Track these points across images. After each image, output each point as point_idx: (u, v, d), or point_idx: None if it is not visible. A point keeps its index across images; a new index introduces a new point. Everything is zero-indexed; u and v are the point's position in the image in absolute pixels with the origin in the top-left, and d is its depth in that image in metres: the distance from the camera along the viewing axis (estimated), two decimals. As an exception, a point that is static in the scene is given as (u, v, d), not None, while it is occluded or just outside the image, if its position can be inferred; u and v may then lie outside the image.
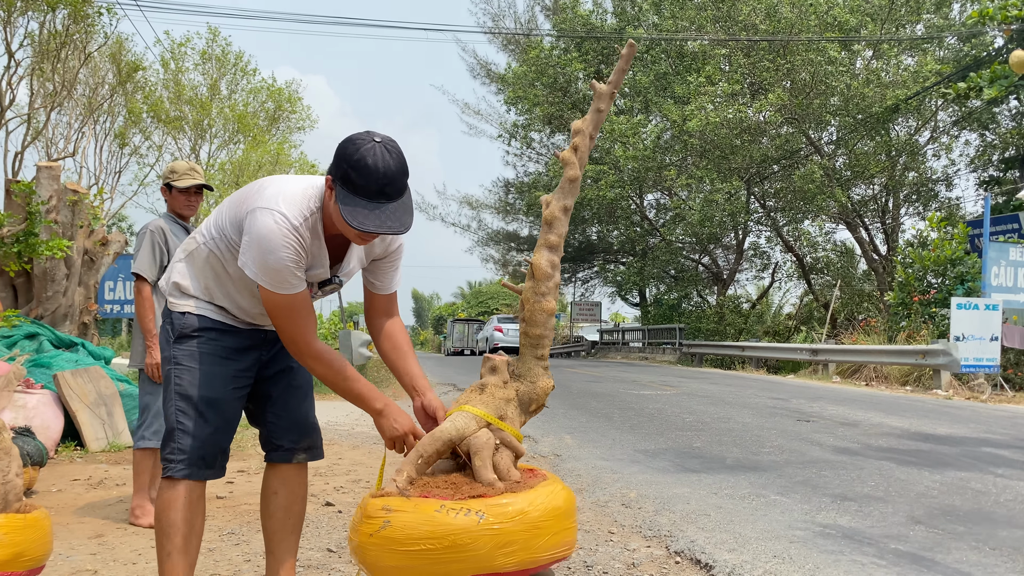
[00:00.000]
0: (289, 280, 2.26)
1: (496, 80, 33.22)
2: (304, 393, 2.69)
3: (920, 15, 22.81)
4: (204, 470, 2.45)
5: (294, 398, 2.65)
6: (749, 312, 28.00)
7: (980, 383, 13.05)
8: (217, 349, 2.48)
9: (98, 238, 8.90)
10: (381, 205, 2.15)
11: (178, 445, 2.42)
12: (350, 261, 2.49)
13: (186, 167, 4.31)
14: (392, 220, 2.17)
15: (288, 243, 2.22)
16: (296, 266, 2.25)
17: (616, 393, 11.72)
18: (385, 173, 2.14)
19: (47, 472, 5.20)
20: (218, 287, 2.50)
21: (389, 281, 2.59)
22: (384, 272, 2.58)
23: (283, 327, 2.33)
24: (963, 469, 5.63)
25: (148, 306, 4.08)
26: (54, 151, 15.56)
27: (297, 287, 2.28)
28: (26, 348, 6.77)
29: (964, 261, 14.50)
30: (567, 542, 2.23)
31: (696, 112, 21.97)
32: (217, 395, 2.46)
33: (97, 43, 13.82)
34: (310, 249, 2.32)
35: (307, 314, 2.33)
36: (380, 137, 2.20)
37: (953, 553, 3.58)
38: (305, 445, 2.65)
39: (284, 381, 2.65)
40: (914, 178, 23.87)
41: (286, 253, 2.22)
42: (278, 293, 2.27)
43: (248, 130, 18.78)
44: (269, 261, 2.22)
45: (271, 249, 2.21)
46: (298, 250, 2.25)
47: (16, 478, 2.46)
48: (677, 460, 6.01)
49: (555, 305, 2.35)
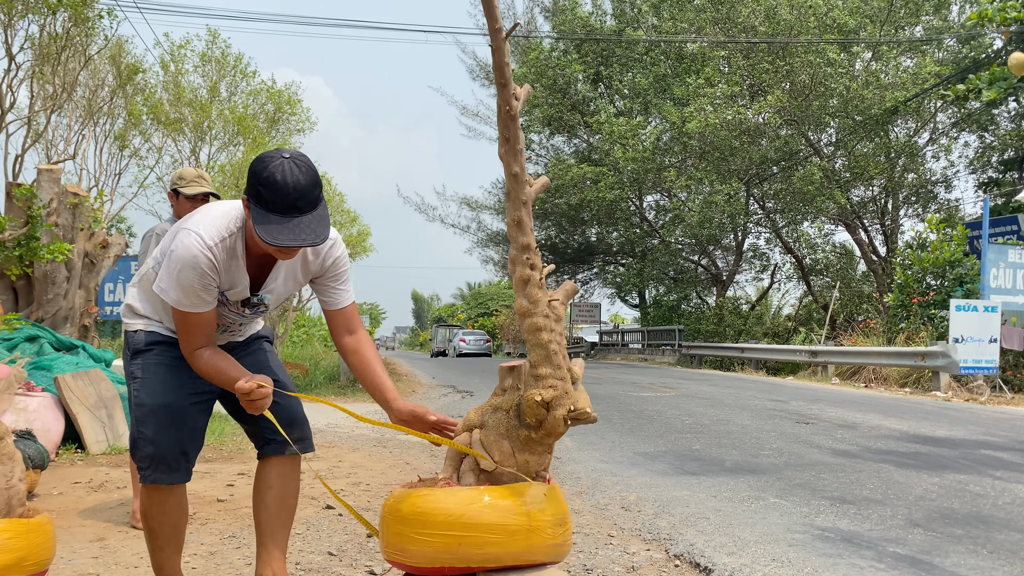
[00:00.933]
0: (196, 298, 2.36)
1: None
2: (283, 387, 2.71)
3: (919, 17, 22.84)
4: (168, 474, 2.54)
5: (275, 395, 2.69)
6: (748, 313, 28.02)
7: (979, 385, 13.07)
8: (168, 359, 2.58)
9: (98, 240, 8.91)
10: (294, 219, 2.20)
11: (141, 452, 2.52)
12: (276, 279, 2.54)
13: (194, 174, 4.36)
14: (307, 232, 2.22)
15: (198, 263, 2.31)
16: (203, 286, 2.34)
17: (616, 395, 11.74)
18: (295, 187, 2.19)
19: (48, 475, 5.21)
20: (164, 309, 2.59)
21: (338, 296, 2.64)
22: (330, 288, 2.63)
23: (180, 338, 2.46)
24: (962, 472, 5.64)
25: None
26: (54, 153, 15.56)
27: (200, 307, 2.38)
28: (27, 351, 6.78)
29: (963, 263, 14.52)
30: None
31: (695, 114, 21.99)
32: (170, 400, 2.54)
33: (98, 46, 13.83)
34: (226, 268, 2.39)
35: (199, 333, 2.42)
36: (289, 153, 2.27)
37: (951, 556, 3.59)
38: (295, 436, 2.68)
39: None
40: (913, 180, 23.89)
41: (195, 273, 2.32)
42: (183, 311, 2.39)
43: (248, 132, 18.76)
44: (181, 278, 2.32)
45: (183, 267, 2.31)
46: (208, 270, 2.33)
47: (19, 483, 2.47)
48: (676, 463, 6.02)
49: (542, 320, 2.26)
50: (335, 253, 2.59)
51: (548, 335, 2.25)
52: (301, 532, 3.94)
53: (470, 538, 2.19)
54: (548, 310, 2.28)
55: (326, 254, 2.57)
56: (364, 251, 16.26)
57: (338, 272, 2.61)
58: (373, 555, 3.60)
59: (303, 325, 22.65)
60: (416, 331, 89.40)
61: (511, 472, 2.29)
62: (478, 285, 64.41)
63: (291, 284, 2.61)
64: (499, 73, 2.27)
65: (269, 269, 2.52)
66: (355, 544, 3.77)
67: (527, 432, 2.26)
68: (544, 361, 2.24)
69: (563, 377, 2.24)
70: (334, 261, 2.59)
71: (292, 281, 2.60)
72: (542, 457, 2.32)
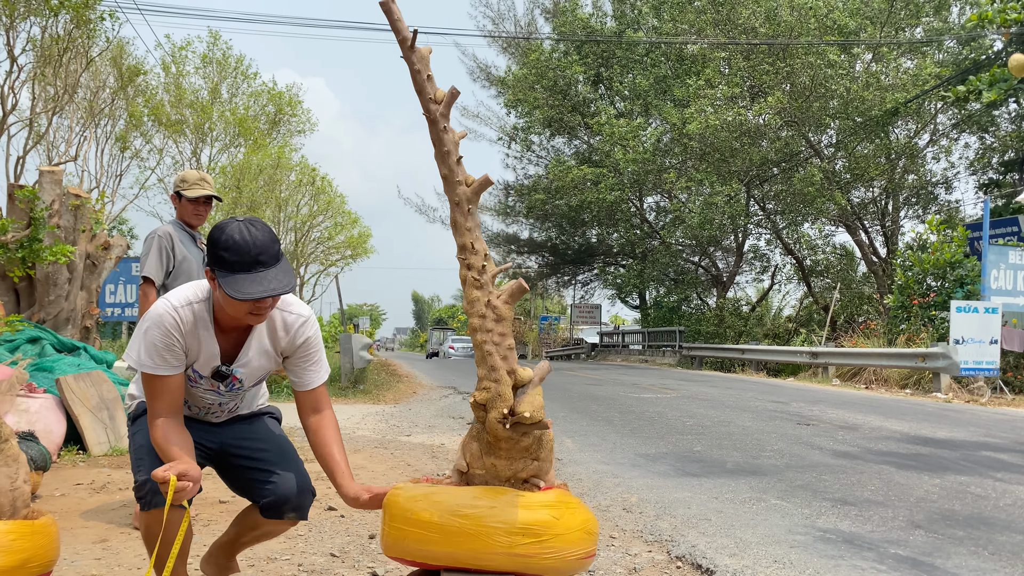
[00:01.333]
0: (160, 359, 2.39)
1: (496, 83, 33.26)
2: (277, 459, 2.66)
3: (919, 18, 22.86)
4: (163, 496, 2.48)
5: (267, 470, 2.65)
6: (749, 315, 28.02)
7: (980, 386, 13.07)
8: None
9: (100, 242, 8.92)
10: (259, 272, 2.29)
11: (141, 490, 2.47)
12: (247, 354, 2.55)
13: (197, 177, 4.34)
14: (273, 282, 2.30)
15: (163, 321, 2.39)
16: (167, 346, 2.39)
17: (616, 396, 11.74)
18: (255, 244, 2.28)
19: (50, 476, 5.21)
20: None
21: (308, 377, 2.64)
22: (300, 369, 2.63)
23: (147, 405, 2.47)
24: (963, 473, 5.65)
25: None
26: (55, 155, 15.58)
27: (165, 369, 2.40)
28: (28, 352, 6.79)
29: (964, 264, 14.52)
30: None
31: (696, 115, 22.01)
32: None
33: (99, 48, 13.85)
34: (192, 333, 2.44)
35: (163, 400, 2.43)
36: (243, 217, 2.37)
37: (953, 558, 3.60)
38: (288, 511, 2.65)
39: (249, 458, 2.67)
40: (914, 181, 23.91)
41: (159, 331, 2.39)
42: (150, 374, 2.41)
43: (249, 133, 18.81)
44: (147, 337, 2.39)
45: (150, 325, 2.40)
46: (173, 329, 2.40)
47: (24, 484, 2.48)
48: (678, 464, 6.03)
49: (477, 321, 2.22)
50: (307, 332, 2.60)
51: (483, 336, 2.22)
52: (303, 533, 3.95)
53: (412, 532, 2.21)
54: (486, 309, 2.23)
55: (298, 330, 2.58)
56: (365, 252, 16.28)
57: (309, 351, 2.62)
58: (375, 556, 3.60)
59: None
60: (416, 332, 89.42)
61: (481, 475, 2.28)
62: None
63: (264, 360, 2.60)
64: (414, 80, 2.29)
65: (241, 344, 2.54)
66: (357, 545, 3.78)
67: (487, 435, 2.25)
68: (480, 363, 2.23)
69: (498, 379, 2.19)
70: (306, 340, 2.60)
71: (265, 357, 2.59)
72: (513, 463, 2.24)
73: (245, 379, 2.60)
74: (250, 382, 2.63)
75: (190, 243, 4.28)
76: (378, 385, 14.86)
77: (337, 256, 16.32)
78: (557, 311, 55.91)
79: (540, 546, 2.19)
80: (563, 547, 2.20)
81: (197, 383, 2.56)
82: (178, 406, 2.47)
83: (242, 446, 2.64)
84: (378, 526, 4.09)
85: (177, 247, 4.18)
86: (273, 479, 2.59)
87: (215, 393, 2.60)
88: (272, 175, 14.55)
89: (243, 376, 2.59)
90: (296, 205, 14.93)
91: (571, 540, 2.21)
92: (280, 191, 14.61)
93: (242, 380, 2.60)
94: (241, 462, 2.64)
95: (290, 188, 14.86)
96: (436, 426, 8.81)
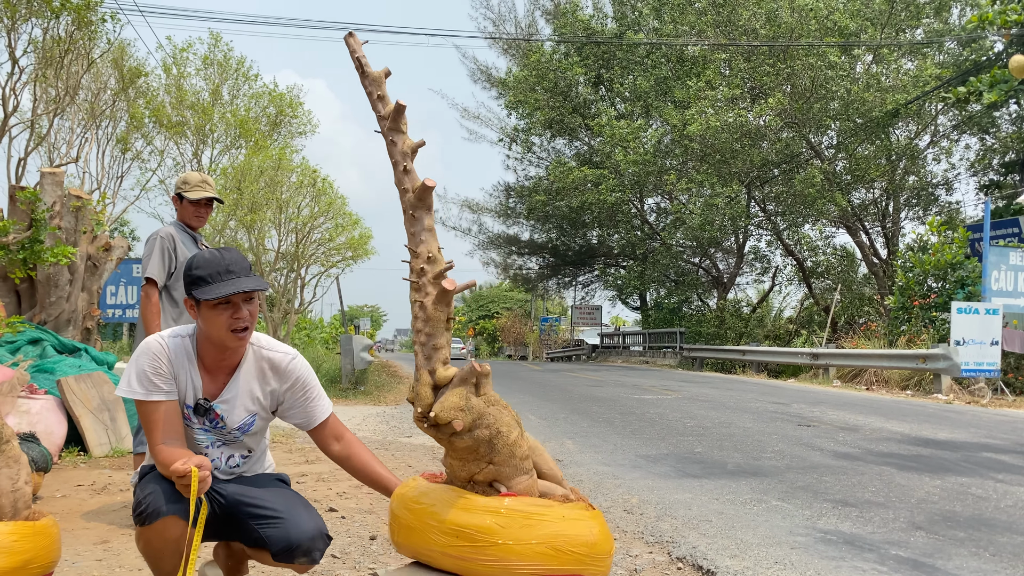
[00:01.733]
0: (150, 383, 2.45)
1: (497, 84, 33.28)
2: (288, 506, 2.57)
3: (920, 20, 22.87)
4: (167, 504, 2.42)
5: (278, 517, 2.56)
6: (749, 316, 28.02)
7: (980, 387, 13.07)
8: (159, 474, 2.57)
9: (101, 243, 8.93)
10: (232, 279, 2.41)
11: (140, 507, 2.44)
12: (232, 391, 2.55)
13: (198, 179, 4.34)
14: (246, 284, 2.41)
15: (150, 347, 2.48)
16: (155, 370, 2.46)
17: (617, 397, 11.74)
18: (223, 257, 2.44)
19: (51, 478, 5.22)
20: None
21: (314, 411, 2.65)
22: (303, 406, 2.64)
23: (147, 438, 2.49)
24: (964, 474, 5.65)
25: (155, 311, 4.07)
26: (56, 157, 15.59)
27: (156, 394, 2.45)
28: (30, 354, 6.79)
29: (964, 265, 14.52)
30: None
31: (696, 116, 22.02)
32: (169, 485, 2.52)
33: (100, 49, 13.86)
34: (178, 361, 2.51)
35: (160, 426, 2.45)
36: (209, 246, 2.52)
37: (954, 559, 3.60)
38: (298, 557, 2.54)
39: (258, 506, 2.57)
40: (914, 182, 23.92)
41: (147, 357, 2.47)
42: (142, 401, 2.45)
43: (250, 135, 18.81)
44: (136, 364, 2.47)
45: (139, 355, 2.49)
46: (159, 354, 2.48)
47: (25, 485, 2.48)
48: (678, 465, 6.03)
49: (416, 324, 2.27)
50: (298, 367, 2.61)
51: (414, 335, 2.30)
52: (304, 535, 3.95)
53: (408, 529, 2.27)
54: (418, 311, 2.27)
55: (287, 368, 2.59)
56: (366, 254, 16.27)
57: (307, 386, 2.63)
58: (376, 558, 3.61)
59: (305, 328, 22.66)
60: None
61: (451, 475, 2.31)
62: (479, 288, 64.45)
63: (248, 402, 2.57)
64: (370, 101, 2.43)
65: (225, 382, 2.56)
66: (359, 547, 3.78)
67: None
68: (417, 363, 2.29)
69: (418, 378, 2.23)
70: (298, 376, 2.61)
71: (250, 398, 2.57)
72: (466, 464, 2.23)
73: (227, 417, 2.55)
74: (233, 423, 2.57)
75: (192, 244, 4.28)
76: (379, 386, 14.86)
77: (338, 257, 16.32)
78: (558, 312, 55.96)
79: (476, 551, 2.12)
80: (507, 557, 2.10)
81: (191, 420, 2.55)
82: (178, 433, 2.46)
83: (251, 494, 2.56)
84: (379, 528, 4.10)
85: (179, 248, 4.18)
86: (284, 524, 2.50)
87: (204, 431, 2.57)
88: (273, 176, 14.55)
89: (224, 413, 2.54)
90: (297, 206, 14.92)
91: (519, 553, 2.09)
92: (281, 192, 14.61)
93: (224, 418, 2.55)
94: (250, 510, 2.54)
95: (291, 189, 14.86)
96: (437, 427, 8.80)
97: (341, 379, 14.14)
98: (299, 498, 2.66)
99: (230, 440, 2.62)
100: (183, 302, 2.45)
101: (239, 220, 14.41)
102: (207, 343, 2.50)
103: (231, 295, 2.38)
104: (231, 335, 2.44)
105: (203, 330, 2.48)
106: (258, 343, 2.60)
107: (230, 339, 2.45)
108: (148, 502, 2.37)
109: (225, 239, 14.61)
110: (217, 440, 2.60)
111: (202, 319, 2.45)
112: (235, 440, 2.62)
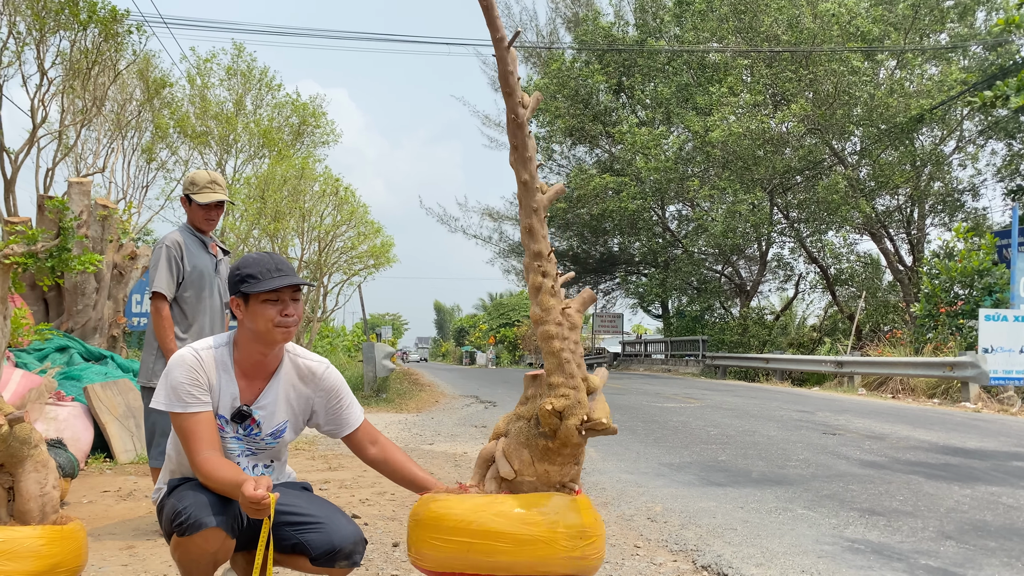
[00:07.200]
0: (187, 395, 2.46)
1: (517, 93, 33.29)
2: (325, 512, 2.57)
3: (944, 24, 22.64)
4: (209, 516, 2.40)
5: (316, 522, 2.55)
6: (773, 324, 27.79)
7: (1009, 396, 12.86)
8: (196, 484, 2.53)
9: (127, 252, 9.03)
10: (280, 276, 2.49)
11: (179, 518, 2.40)
12: (267, 397, 2.58)
13: (207, 179, 4.06)
14: (294, 278, 2.51)
15: (184, 360, 2.50)
16: (192, 380, 2.48)
17: (640, 406, 11.68)
18: (271, 258, 2.54)
19: (78, 484, 5.27)
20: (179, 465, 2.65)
21: (347, 418, 2.69)
22: (337, 414, 2.68)
23: (187, 452, 2.47)
24: (994, 483, 5.55)
25: (167, 325, 3.91)
26: (83, 167, 15.82)
27: (194, 405, 2.46)
28: (57, 361, 6.88)
29: (992, 272, 14.32)
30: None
31: (718, 123, 21.92)
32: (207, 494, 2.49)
33: (126, 61, 14.06)
34: (214, 372, 2.53)
35: (201, 437, 2.45)
36: (223, 246, 2.60)
37: (985, 569, 3.54)
38: (339, 561, 2.54)
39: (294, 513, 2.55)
40: (939, 188, 23.63)
41: (182, 369, 2.49)
42: (181, 414, 2.45)
43: (273, 145, 18.99)
44: (170, 377, 2.48)
45: (172, 367, 2.51)
46: (194, 366, 2.50)
47: (53, 490, 2.51)
48: (702, 474, 5.98)
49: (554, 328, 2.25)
50: (330, 377, 2.68)
51: (560, 343, 2.24)
52: (327, 541, 3.96)
53: (478, 545, 2.21)
54: (561, 317, 2.26)
55: (323, 375, 2.66)
56: (388, 262, 16.35)
57: (338, 394, 2.68)
58: (399, 564, 3.60)
59: (327, 336, 22.78)
60: (438, 341, 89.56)
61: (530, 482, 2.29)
62: (499, 296, 64.47)
63: (284, 409, 2.60)
64: (504, 82, 2.30)
65: (262, 388, 2.59)
66: (381, 553, 3.78)
67: (545, 441, 2.26)
68: (557, 370, 2.24)
69: (576, 386, 2.22)
70: (331, 385, 2.67)
71: (286, 406, 2.61)
72: (565, 468, 2.29)
73: (264, 423, 2.57)
74: (268, 429, 2.59)
75: (200, 250, 4.07)
76: (400, 394, 14.90)
77: (360, 265, 16.41)
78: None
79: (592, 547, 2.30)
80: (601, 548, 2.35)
81: (223, 430, 2.55)
82: (217, 444, 2.46)
83: (287, 501, 2.54)
84: (401, 534, 4.09)
85: (186, 256, 3.98)
86: (325, 529, 2.51)
87: (236, 439, 2.58)
88: (296, 185, 14.66)
89: (262, 419, 2.57)
90: (320, 215, 15.03)
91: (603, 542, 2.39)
92: (304, 201, 14.72)
93: (260, 424, 2.57)
94: (288, 517, 2.52)
95: (314, 198, 14.97)
96: (458, 435, 8.80)
97: (364, 387, 14.19)
98: (332, 504, 2.67)
99: (259, 449, 2.64)
100: (229, 303, 2.47)
101: (263, 229, 14.53)
102: (248, 346, 2.54)
103: (281, 288, 2.46)
104: (277, 329, 2.48)
105: (248, 328, 2.52)
106: (293, 351, 2.66)
107: (277, 333, 2.49)
108: (189, 512, 2.35)
109: (248, 247, 14.73)
110: (247, 449, 2.62)
111: (248, 315, 2.49)
112: (265, 448, 2.64)
